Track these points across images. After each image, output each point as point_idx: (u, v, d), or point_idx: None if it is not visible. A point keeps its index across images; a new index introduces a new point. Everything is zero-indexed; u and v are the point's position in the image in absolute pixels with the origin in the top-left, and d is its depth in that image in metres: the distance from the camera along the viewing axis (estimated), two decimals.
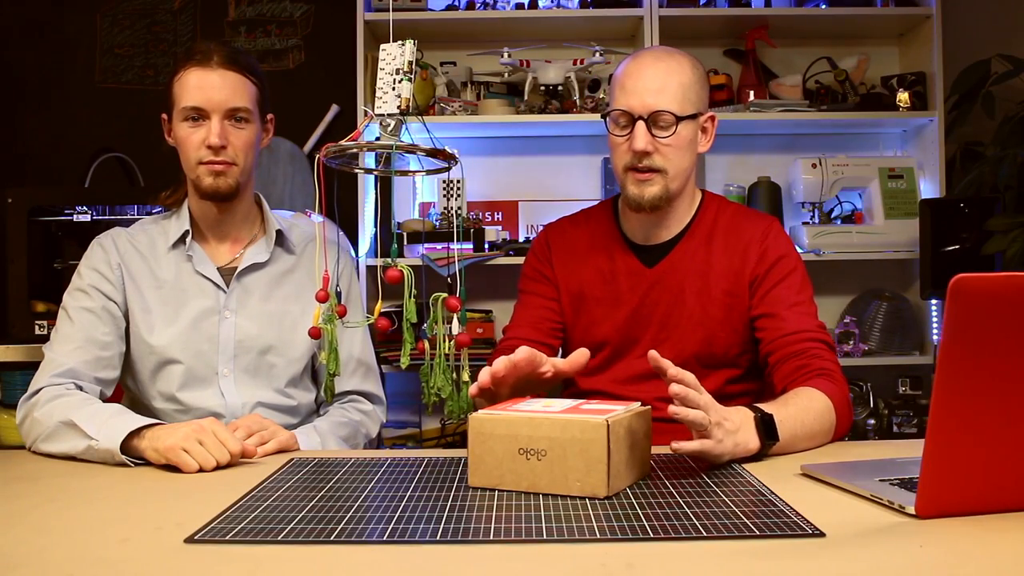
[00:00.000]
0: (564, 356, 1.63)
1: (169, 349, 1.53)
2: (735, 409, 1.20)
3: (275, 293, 1.60)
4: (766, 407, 1.24)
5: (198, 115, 1.50)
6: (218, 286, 1.57)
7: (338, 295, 1.23)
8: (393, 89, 1.16)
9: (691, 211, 1.61)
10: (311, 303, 1.59)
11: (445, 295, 1.20)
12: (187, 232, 1.58)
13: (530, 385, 1.30)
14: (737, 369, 1.58)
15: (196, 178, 1.53)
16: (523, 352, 1.25)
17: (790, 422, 1.26)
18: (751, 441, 1.19)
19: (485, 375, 1.22)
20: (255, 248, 1.61)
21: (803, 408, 1.31)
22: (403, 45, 1.17)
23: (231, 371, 1.55)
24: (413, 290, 1.18)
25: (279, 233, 1.62)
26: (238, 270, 1.58)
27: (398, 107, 1.15)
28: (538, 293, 1.66)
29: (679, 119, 1.48)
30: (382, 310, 1.22)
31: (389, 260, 1.17)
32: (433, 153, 1.16)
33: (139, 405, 1.56)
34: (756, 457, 1.22)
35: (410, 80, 1.16)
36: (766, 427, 1.21)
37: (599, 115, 1.68)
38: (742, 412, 1.20)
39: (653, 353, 1.14)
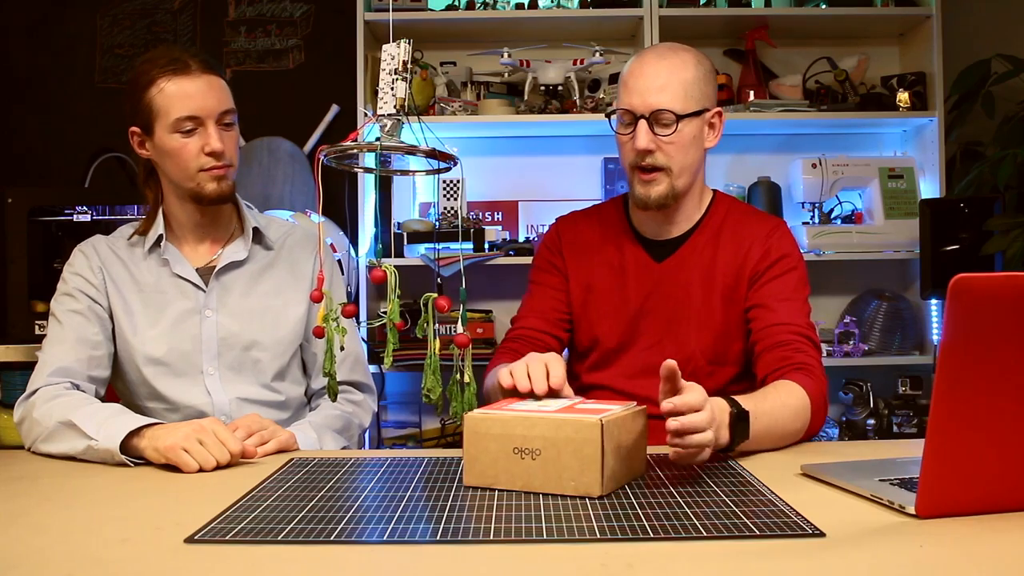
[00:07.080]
0: (571, 348, 1.64)
1: (153, 350, 1.54)
2: (715, 402, 1.17)
3: (255, 289, 1.60)
4: (744, 400, 1.23)
5: (193, 124, 1.49)
6: (197, 286, 1.57)
7: (349, 295, 1.23)
8: (391, 89, 1.16)
9: (701, 208, 1.62)
10: (293, 296, 1.61)
11: (435, 295, 1.19)
12: (161, 236, 1.58)
13: None
14: (741, 367, 1.58)
15: (197, 186, 1.52)
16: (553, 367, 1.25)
17: (765, 419, 1.26)
18: (722, 437, 1.18)
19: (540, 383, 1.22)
20: (233, 247, 1.61)
21: (780, 404, 1.32)
22: (399, 45, 1.16)
23: (216, 369, 1.55)
24: (397, 290, 1.18)
25: (256, 231, 1.63)
26: (216, 269, 1.58)
27: (395, 107, 1.15)
28: (548, 284, 1.66)
29: (680, 117, 1.48)
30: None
31: (374, 260, 1.16)
32: (433, 153, 1.16)
33: (129, 406, 1.56)
34: (725, 450, 1.21)
35: (405, 80, 1.15)
36: (740, 424, 1.21)
37: (604, 114, 1.68)
38: (719, 407, 1.18)
39: (669, 363, 1.12)
